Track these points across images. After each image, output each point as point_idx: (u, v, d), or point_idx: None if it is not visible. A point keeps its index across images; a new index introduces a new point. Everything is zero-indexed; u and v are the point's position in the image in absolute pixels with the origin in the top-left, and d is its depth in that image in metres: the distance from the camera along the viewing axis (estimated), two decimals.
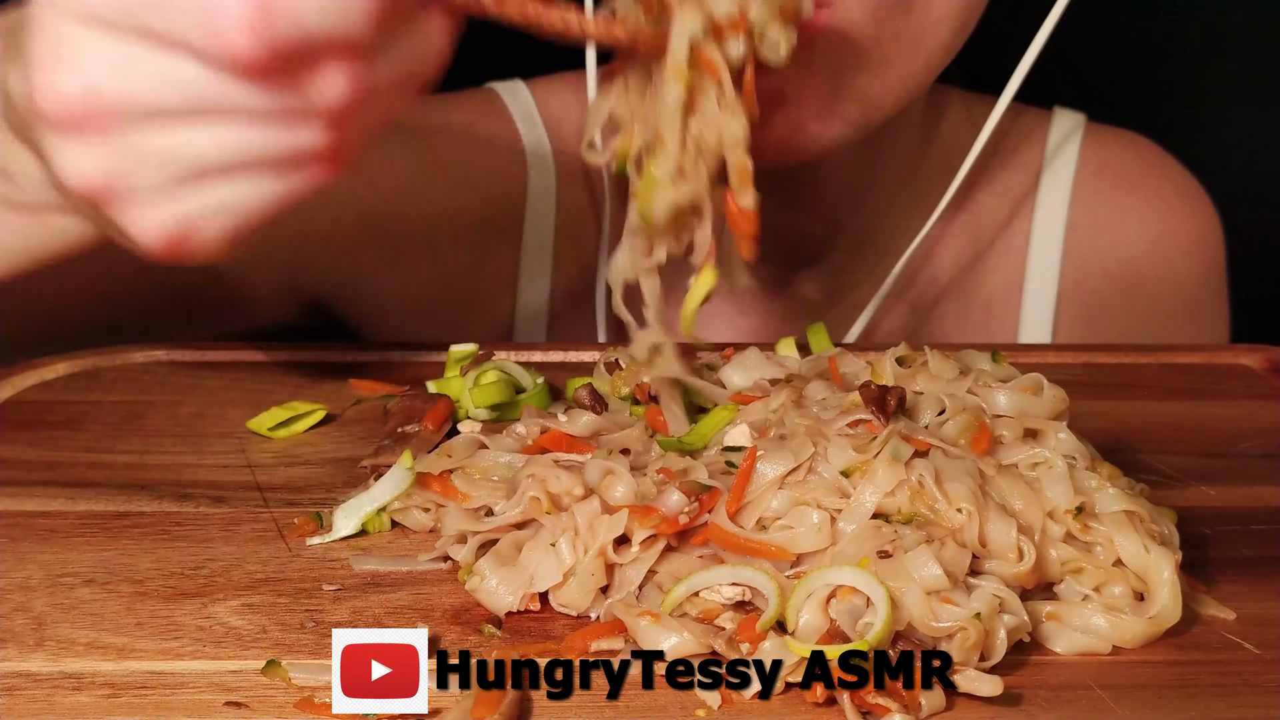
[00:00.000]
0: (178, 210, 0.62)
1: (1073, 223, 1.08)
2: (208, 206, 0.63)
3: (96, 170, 0.61)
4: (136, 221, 0.63)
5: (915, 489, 0.63)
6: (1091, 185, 1.09)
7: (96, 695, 0.58)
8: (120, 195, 0.62)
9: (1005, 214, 1.08)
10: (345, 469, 0.77)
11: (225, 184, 0.62)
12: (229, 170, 0.62)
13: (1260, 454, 0.81)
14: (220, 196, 0.63)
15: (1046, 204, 1.08)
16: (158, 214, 0.62)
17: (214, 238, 0.63)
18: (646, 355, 0.75)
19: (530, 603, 0.65)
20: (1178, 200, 1.10)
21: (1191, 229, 1.10)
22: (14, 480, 0.75)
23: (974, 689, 0.58)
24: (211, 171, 0.62)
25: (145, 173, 0.61)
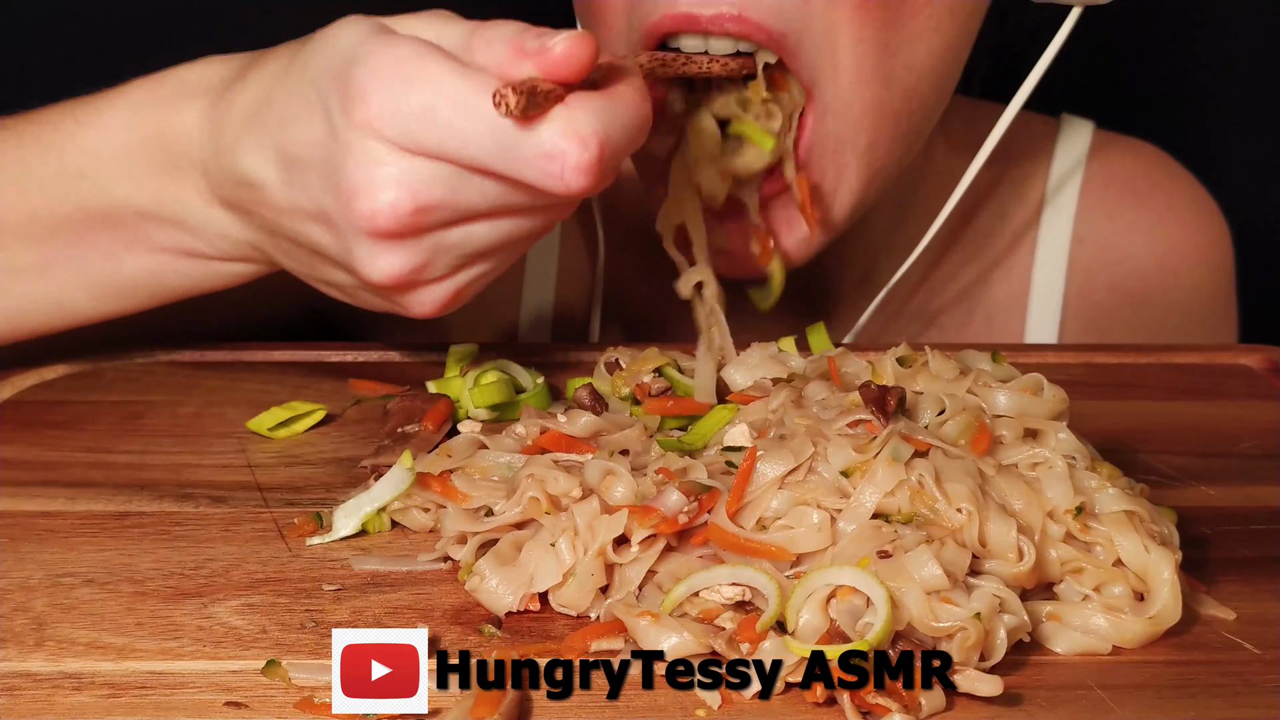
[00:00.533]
0: (455, 285, 0.73)
1: (1079, 235, 1.07)
2: (476, 275, 0.73)
3: (404, 267, 0.70)
4: (422, 300, 0.73)
5: (915, 489, 0.63)
6: (1099, 197, 1.08)
7: (96, 695, 0.58)
8: (417, 284, 0.72)
9: (1010, 226, 1.08)
10: (345, 469, 0.77)
11: (494, 259, 0.73)
12: (503, 249, 0.72)
13: (1260, 454, 0.81)
14: (486, 267, 0.73)
15: (1053, 215, 1.07)
16: (441, 291, 0.73)
17: (470, 297, 0.74)
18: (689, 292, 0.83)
19: (530, 603, 0.65)
20: (1187, 214, 1.09)
21: (1201, 243, 1.09)
22: (14, 480, 0.75)
23: (974, 689, 0.58)
24: (493, 253, 0.72)
25: (439, 265, 0.71)
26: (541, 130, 0.66)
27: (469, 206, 0.69)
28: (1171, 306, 1.09)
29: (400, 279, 0.71)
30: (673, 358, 0.80)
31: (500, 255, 0.73)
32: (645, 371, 0.78)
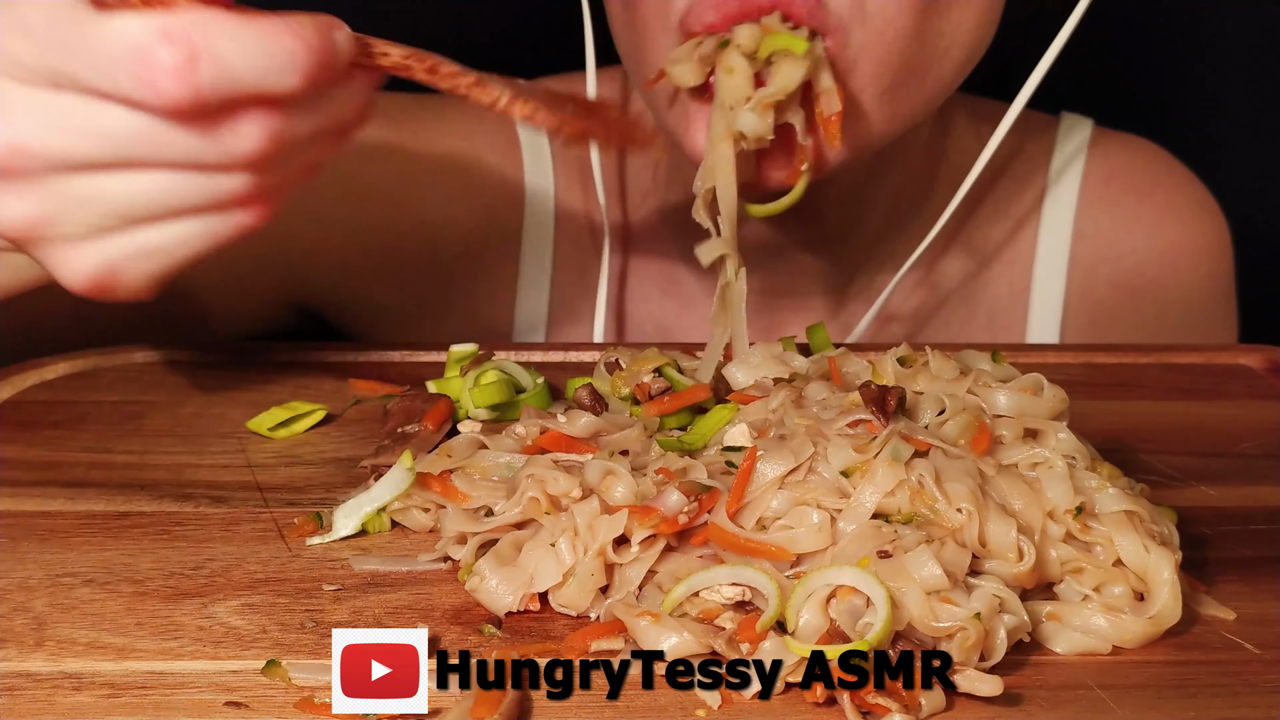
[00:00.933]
0: (103, 254, 0.65)
1: (1080, 231, 1.07)
2: (132, 250, 0.65)
3: (25, 215, 0.63)
4: (63, 263, 0.65)
5: (915, 489, 0.63)
6: (1099, 194, 1.08)
7: (96, 695, 0.58)
8: (47, 239, 0.64)
9: (1011, 222, 1.08)
10: (345, 469, 0.77)
11: (150, 229, 0.65)
12: (153, 216, 0.65)
13: (1260, 454, 0.81)
14: (145, 241, 0.65)
15: (1053, 212, 1.07)
16: (84, 257, 0.65)
17: (138, 279, 0.66)
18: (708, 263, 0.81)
19: (530, 603, 0.65)
20: (1187, 210, 1.09)
21: (1200, 239, 1.09)
22: (14, 480, 0.75)
23: (974, 689, 0.58)
24: (137, 217, 0.64)
25: (71, 218, 0.64)
26: (122, 21, 0.60)
27: (77, 145, 0.62)
28: (1172, 302, 1.09)
29: (22, 227, 0.64)
30: (673, 358, 0.80)
31: (163, 227, 0.65)
32: (645, 371, 0.78)
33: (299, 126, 0.65)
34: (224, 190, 0.65)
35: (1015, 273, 1.08)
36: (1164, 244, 1.08)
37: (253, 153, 0.64)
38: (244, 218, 0.66)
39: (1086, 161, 1.08)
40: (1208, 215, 1.10)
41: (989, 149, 0.98)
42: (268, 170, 0.65)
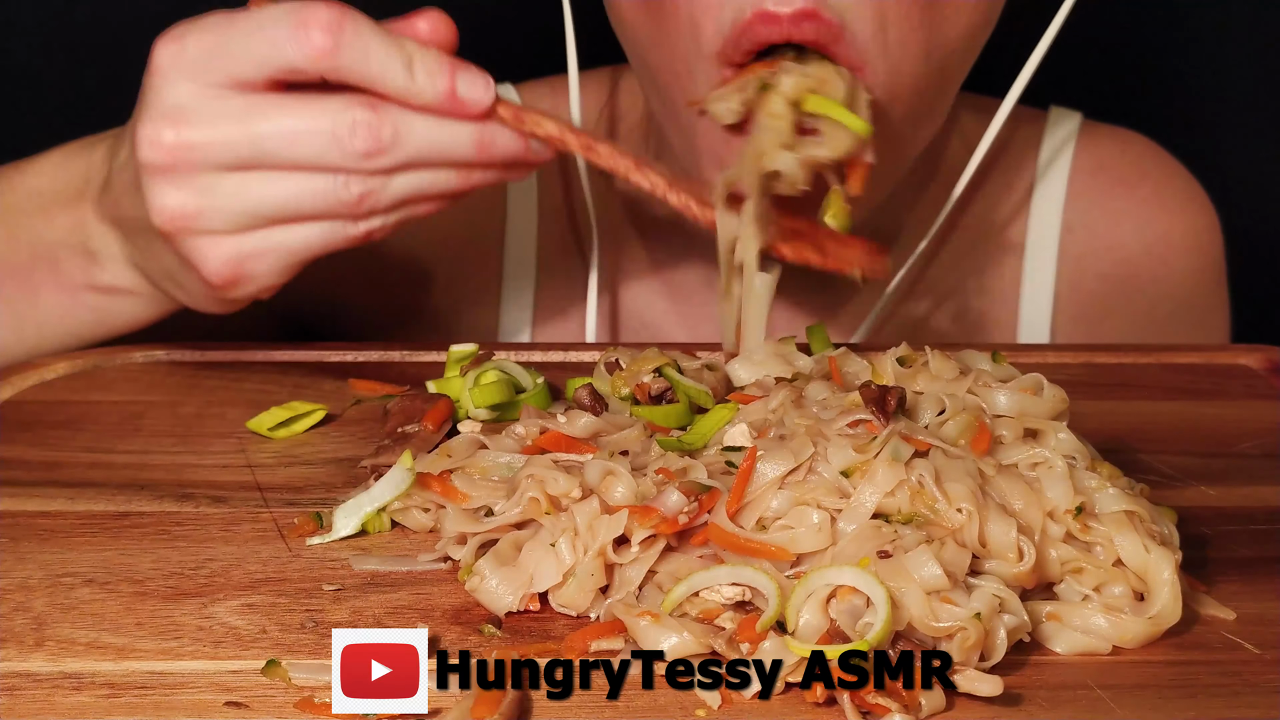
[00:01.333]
0: (239, 248, 0.75)
1: (1069, 224, 1.07)
2: (264, 247, 0.75)
3: (182, 206, 0.74)
4: (202, 255, 0.75)
5: (915, 489, 0.63)
6: (1087, 186, 1.08)
7: (96, 695, 0.58)
8: (192, 231, 0.74)
9: (1002, 216, 1.08)
10: (345, 469, 0.77)
11: (281, 229, 0.75)
12: (288, 217, 0.75)
13: (1260, 454, 0.81)
14: (276, 240, 0.75)
15: (1042, 206, 1.07)
16: (222, 250, 0.75)
17: (264, 275, 0.76)
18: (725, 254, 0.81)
19: (530, 603, 0.65)
20: (1175, 202, 1.09)
21: (1189, 230, 1.09)
22: (14, 480, 0.75)
23: (974, 689, 0.58)
24: (274, 217, 0.75)
25: (218, 213, 0.74)
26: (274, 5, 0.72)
27: (229, 139, 0.73)
28: (1162, 294, 1.09)
29: (177, 216, 0.74)
30: (673, 358, 0.80)
31: (293, 229, 0.75)
32: (645, 372, 0.78)
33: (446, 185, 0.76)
34: (351, 198, 0.74)
35: (1005, 267, 1.07)
36: (1153, 236, 1.08)
37: (398, 196, 0.75)
38: (361, 229, 0.76)
39: (1075, 155, 1.08)
40: (1197, 206, 1.10)
41: (982, 146, 0.98)
42: (391, 189, 0.75)
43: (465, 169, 0.77)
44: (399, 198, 0.76)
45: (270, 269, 0.76)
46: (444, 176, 0.76)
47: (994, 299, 1.07)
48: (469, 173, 0.77)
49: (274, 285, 0.78)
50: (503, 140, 0.76)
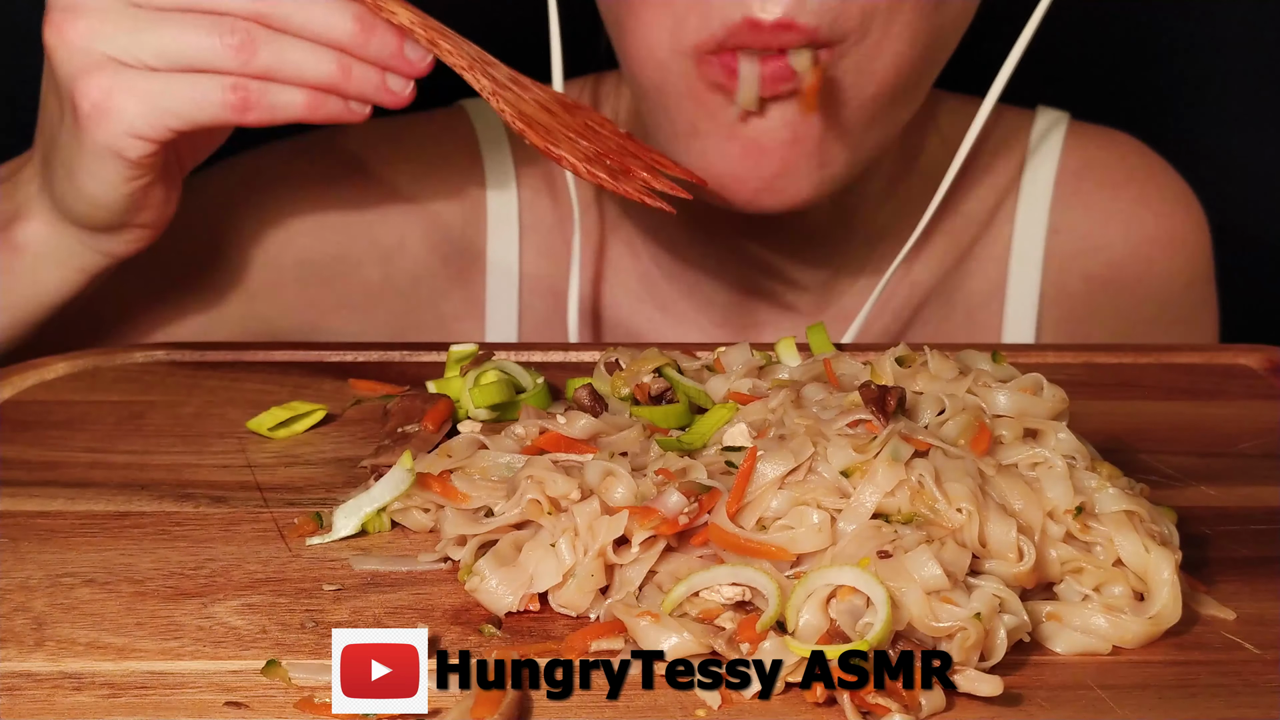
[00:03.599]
0: (115, 76, 0.79)
1: (1054, 225, 1.07)
2: (138, 85, 0.79)
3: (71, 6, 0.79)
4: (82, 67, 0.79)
5: (915, 489, 0.63)
6: (1073, 187, 1.07)
7: (96, 695, 0.58)
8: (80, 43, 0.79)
9: (987, 217, 1.07)
10: (345, 469, 0.77)
11: (161, 77, 0.80)
12: (168, 66, 0.79)
13: (1260, 454, 0.81)
14: (152, 84, 0.79)
15: (1028, 207, 1.07)
16: (100, 71, 0.79)
17: (132, 114, 0.80)
18: None
19: (530, 603, 0.65)
20: (1161, 202, 1.09)
21: (1175, 231, 1.09)
22: (14, 480, 0.75)
23: (974, 689, 0.58)
24: (155, 62, 0.79)
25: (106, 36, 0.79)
26: None
27: None
28: (1149, 294, 1.08)
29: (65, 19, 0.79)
30: (673, 358, 0.80)
31: (175, 77, 0.80)
32: (645, 372, 0.78)
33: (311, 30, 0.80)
34: (231, 45, 0.79)
35: (991, 269, 1.07)
36: (1139, 237, 1.08)
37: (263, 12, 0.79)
38: (234, 96, 0.80)
39: (1061, 155, 1.07)
40: (1183, 207, 1.09)
41: (965, 146, 0.98)
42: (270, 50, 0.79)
43: (343, 61, 0.80)
44: (276, 65, 0.80)
45: (139, 111, 0.79)
46: (324, 59, 0.80)
47: (979, 300, 1.07)
48: (347, 67, 0.80)
49: (142, 135, 0.80)
50: (381, 33, 0.80)
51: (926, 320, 1.06)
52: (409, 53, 0.81)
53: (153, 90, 0.80)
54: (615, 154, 0.84)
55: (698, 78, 0.85)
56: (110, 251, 0.88)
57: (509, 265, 1.05)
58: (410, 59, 0.82)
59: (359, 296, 1.03)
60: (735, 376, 0.76)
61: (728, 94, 0.85)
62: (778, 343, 0.83)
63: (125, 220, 0.86)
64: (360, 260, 1.03)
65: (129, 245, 0.88)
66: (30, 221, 0.88)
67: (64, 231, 0.87)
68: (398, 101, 0.83)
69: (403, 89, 0.83)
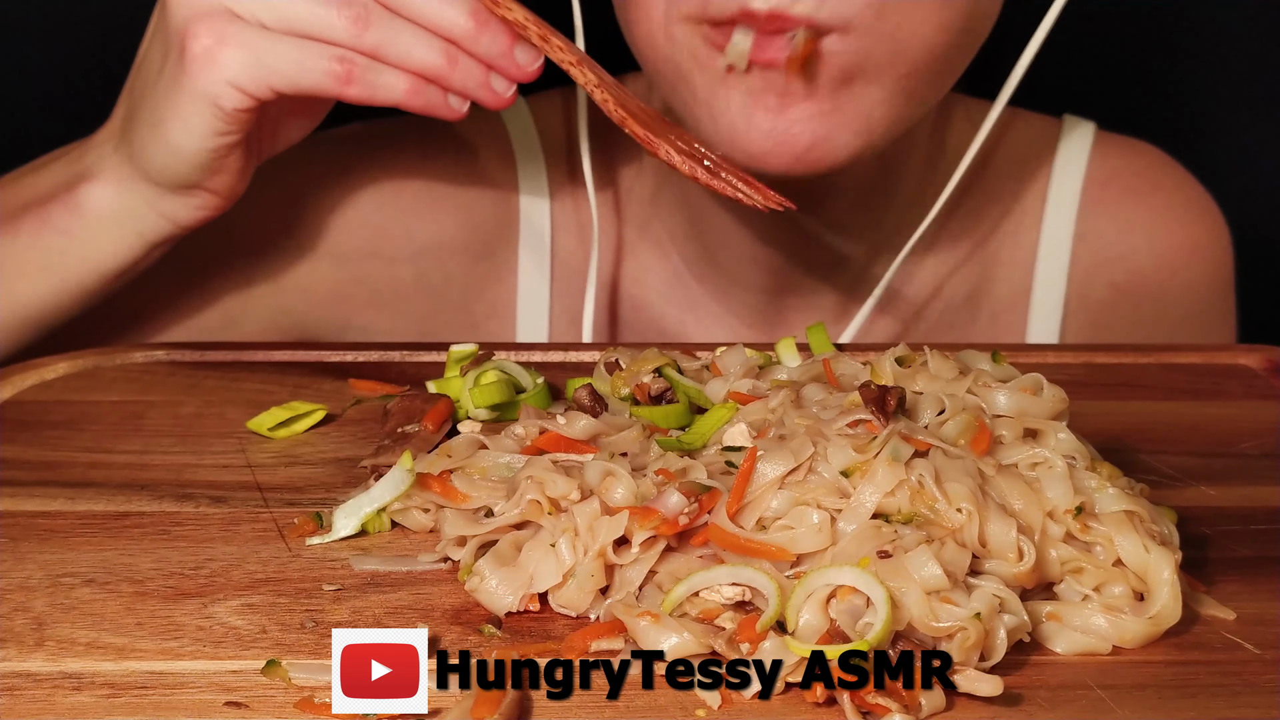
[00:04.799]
0: (225, 26, 0.81)
1: (1080, 234, 1.07)
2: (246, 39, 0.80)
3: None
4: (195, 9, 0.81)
5: (915, 489, 0.63)
6: (1099, 196, 1.08)
7: (96, 695, 0.58)
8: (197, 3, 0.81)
9: (1014, 223, 1.08)
10: (345, 469, 0.77)
11: (269, 36, 0.81)
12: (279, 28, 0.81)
13: (1260, 454, 0.81)
14: (260, 40, 0.81)
15: (1054, 214, 1.07)
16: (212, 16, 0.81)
17: (234, 65, 0.81)
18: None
19: (530, 603, 0.65)
20: (1186, 213, 1.09)
21: (1199, 241, 1.09)
22: (14, 480, 0.75)
23: (974, 689, 0.58)
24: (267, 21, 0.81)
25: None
26: None
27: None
28: (1171, 303, 1.09)
29: None
30: (673, 358, 0.80)
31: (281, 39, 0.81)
32: (645, 372, 0.78)
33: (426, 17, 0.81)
34: (343, 21, 0.80)
35: (1017, 274, 1.08)
36: (1163, 246, 1.09)
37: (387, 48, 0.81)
38: (340, 68, 0.81)
39: (1088, 164, 1.08)
40: (1207, 217, 1.10)
41: (977, 141, 0.98)
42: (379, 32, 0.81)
43: (451, 52, 0.82)
44: (385, 44, 0.81)
45: (245, 63, 0.81)
46: (433, 47, 0.82)
47: (1004, 305, 1.08)
48: (454, 59, 0.82)
49: (242, 87, 0.81)
50: (494, 30, 0.82)
51: (951, 325, 1.07)
52: (518, 55, 0.82)
53: (262, 46, 0.80)
54: (705, 158, 0.85)
55: (701, 40, 0.85)
56: (174, 217, 0.88)
57: (541, 267, 1.05)
58: (519, 61, 0.82)
59: (390, 294, 1.03)
60: (733, 378, 0.76)
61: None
62: (778, 343, 0.83)
63: (199, 180, 0.86)
64: (395, 259, 1.03)
65: (195, 212, 0.88)
66: (96, 182, 0.88)
67: (131, 190, 0.87)
68: (499, 102, 0.84)
69: (505, 90, 0.83)
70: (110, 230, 0.88)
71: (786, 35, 0.83)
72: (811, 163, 0.86)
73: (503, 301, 1.06)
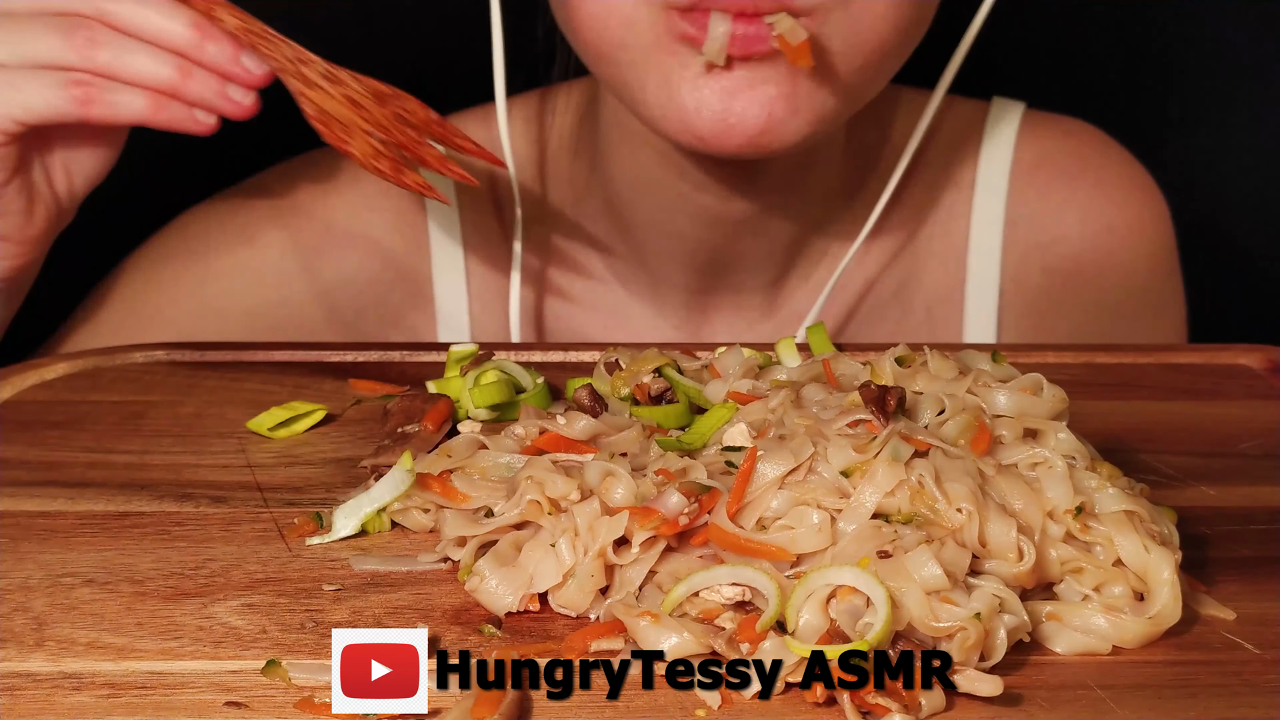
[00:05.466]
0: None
1: (1011, 219, 1.05)
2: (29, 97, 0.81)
3: None
4: None
5: (915, 489, 0.63)
6: (1029, 179, 1.06)
7: (96, 695, 0.58)
8: None
9: (943, 212, 1.06)
10: (345, 469, 0.77)
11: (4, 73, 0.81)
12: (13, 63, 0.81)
13: (1260, 454, 0.81)
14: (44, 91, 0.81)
15: (984, 200, 1.05)
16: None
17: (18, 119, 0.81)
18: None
19: (530, 603, 0.65)
20: (1119, 191, 1.07)
21: (1135, 220, 1.07)
22: (14, 480, 0.75)
23: (974, 689, 0.58)
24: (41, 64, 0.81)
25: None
26: None
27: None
28: (1110, 287, 1.07)
29: None
30: (673, 358, 0.80)
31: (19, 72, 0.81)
32: (645, 372, 0.78)
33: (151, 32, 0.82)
34: (76, 41, 0.81)
35: (949, 264, 1.06)
36: (1097, 226, 1.06)
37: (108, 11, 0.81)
38: (77, 92, 0.82)
39: (1016, 146, 1.06)
40: (1142, 194, 1.08)
41: (915, 136, 0.97)
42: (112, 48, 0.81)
43: (183, 66, 0.82)
44: (117, 63, 0.82)
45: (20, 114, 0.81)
46: (163, 62, 0.82)
47: (938, 297, 1.06)
48: (187, 71, 0.82)
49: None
50: (217, 39, 0.82)
51: (884, 318, 1.05)
52: (245, 62, 0.83)
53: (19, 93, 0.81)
54: (413, 145, 0.85)
55: (665, 29, 0.84)
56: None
57: (456, 287, 1.04)
58: (246, 67, 0.83)
59: (306, 336, 1.02)
60: (733, 379, 0.76)
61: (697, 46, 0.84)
62: (778, 343, 0.83)
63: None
64: (305, 302, 1.02)
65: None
66: None
67: None
68: (241, 111, 0.84)
69: (244, 98, 0.84)
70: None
71: (765, 21, 0.82)
72: (761, 147, 0.85)
73: (423, 324, 1.05)
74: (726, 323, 1.04)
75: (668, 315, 1.04)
